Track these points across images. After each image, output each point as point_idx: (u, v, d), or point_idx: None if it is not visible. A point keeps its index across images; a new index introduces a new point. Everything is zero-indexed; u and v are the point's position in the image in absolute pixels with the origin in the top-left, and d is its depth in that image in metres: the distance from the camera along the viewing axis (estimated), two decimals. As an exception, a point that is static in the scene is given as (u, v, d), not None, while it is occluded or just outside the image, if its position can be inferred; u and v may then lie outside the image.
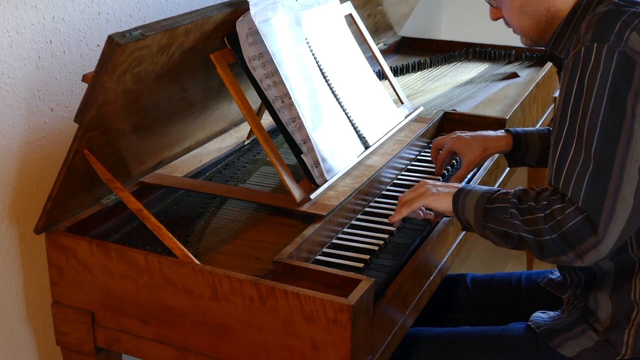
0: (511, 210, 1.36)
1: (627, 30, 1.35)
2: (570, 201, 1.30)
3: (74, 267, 1.50)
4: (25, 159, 1.65)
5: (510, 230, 1.37)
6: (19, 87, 1.60)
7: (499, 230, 1.39)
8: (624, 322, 1.46)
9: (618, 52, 1.32)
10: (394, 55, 2.97)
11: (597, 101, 1.32)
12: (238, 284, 1.34)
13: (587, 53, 1.35)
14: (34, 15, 1.61)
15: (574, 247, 1.30)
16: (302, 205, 1.61)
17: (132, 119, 1.54)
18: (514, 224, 1.35)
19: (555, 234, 1.30)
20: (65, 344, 1.58)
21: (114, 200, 1.62)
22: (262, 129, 1.65)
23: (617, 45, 1.33)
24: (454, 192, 1.49)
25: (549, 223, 1.31)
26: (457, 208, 1.47)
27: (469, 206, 1.44)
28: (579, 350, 1.48)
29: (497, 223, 1.39)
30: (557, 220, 1.30)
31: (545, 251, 1.34)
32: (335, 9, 2.02)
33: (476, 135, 1.86)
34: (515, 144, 1.86)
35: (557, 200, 1.32)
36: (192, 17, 1.48)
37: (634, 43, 1.34)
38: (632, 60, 1.33)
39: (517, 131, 1.87)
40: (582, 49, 1.36)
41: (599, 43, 1.34)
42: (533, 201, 1.34)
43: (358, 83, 1.97)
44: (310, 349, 1.30)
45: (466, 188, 1.48)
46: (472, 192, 1.46)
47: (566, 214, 1.29)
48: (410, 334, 1.60)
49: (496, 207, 1.40)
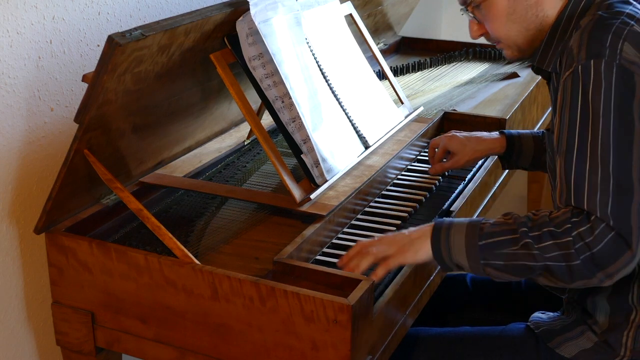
0: (526, 241, 1.28)
1: (619, 42, 1.34)
2: (599, 220, 1.25)
3: (74, 267, 1.50)
4: (25, 159, 1.65)
5: (529, 262, 1.28)
6: (19, 87, 1.60)
7: (510, 265, 1.30)
8: (622, 323, 1.45)
9: (616, 66, 1.32)
10: (394, 55, 2.97)
11: (605, 119, 1.30)
12: (238, 284, 1.34)
13: (585, 71, 1.33)
14: (34, 15, 1.61)
15: (604, 267, 1.26)
16: (302, 205, 1.61)
17: (132, 119, 1.54)
18: (533, 255, 1.28)
19: (584, 256, 1.25)
20: (65, 344, 1.58)
21: (114, 200, 1.62)
22: (262, 129, 1.65)
23: (614, 59, 1.32)
24: (429, 235, 1.37)
25: (578, 245, 1.25)
26: (441, 253, 1.36)
27: (457, 247, 1.34)
28: (578, 351, 1.48)
29: (504, 258, 1.30)
30: (586, 242, 1.25)
31: (576, 275, 1.28)
32: (335, 9, 2.02)
33: (470, 135, 1.87)
34: (508, 146, 1.86)
35: (581, 221, 1.26)
36: (192, 17, 1.48)
37: (628, 54, 1.33)
38: (630, 71, 1.32)
39: (510, 133, 1.87)
40: (578, 67, 1.34)
41: (596, 60, 1.33)
42: (552, 226, 1.28)
43: (358, 83, 1.97)
44: (310, 349, 1.30)
45: (442, 226, 1.36)
46: (453, 229, 1.35)
47: (596, 234, 1.25)
48: (410, 334, 1.60)
49: (496, 241, 1.31)
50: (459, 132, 1.89)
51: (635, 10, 1.43)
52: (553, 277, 1.30)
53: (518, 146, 1.86)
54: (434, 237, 1.37)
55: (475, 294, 1.86)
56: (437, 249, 1.36)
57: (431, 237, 1.37)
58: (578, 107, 1.33)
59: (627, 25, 1.37)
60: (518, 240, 1.30)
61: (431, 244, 1.37)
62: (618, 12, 1.41)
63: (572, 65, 1.36)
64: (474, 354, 1.57)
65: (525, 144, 1.85)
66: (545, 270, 1.29)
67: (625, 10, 1.41)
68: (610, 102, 1.31)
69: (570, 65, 1.37)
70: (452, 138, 1.87)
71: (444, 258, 1.36)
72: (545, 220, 1.30)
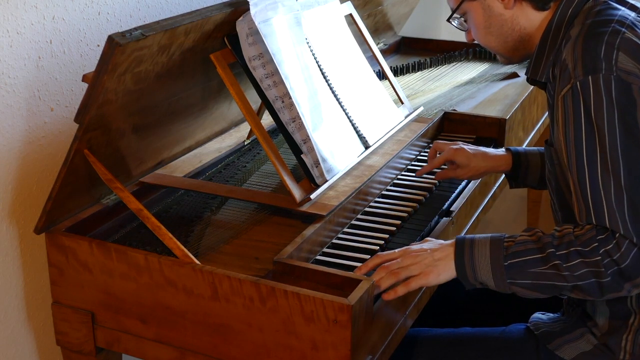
0: (554, 262, 1.30)
1: (613, 52, 1.34)
2: (624, 237, 1.27)
3: (74, 267, 1.50)
4: (25, 159, 1.65)
5: (559, 282, 1.31)
6: (19, 87, 1.60)
7: (538, 284, 1.33)
8: (621, 327, 1.45)
9: (614, 79, 1.32)
10: (394, 55, 2.97)
11: (611, 133, 1.31)
12: (238, 284, 1.34)
13: (585, 88, 1.33)
14: (34, 15, 1.61)
15: (632, 279, 1.29)
16: (302, 205, 1.61)
17: (132, 119, 1.54)
18: (564, 275, 1.30)
19: (612, 271, 1.28)
20: (65, 344, 1.58)
21: (114, 200, 1.62)
22: (262, 129, 1.65)
23: (611, 72, 1.32)
24: (453, 256, 1.38)
25: (606, 261, 1.28)
26: (466, 274, 1.37)
27: (483, 267, 1.35)
28: (577, 353, 1.48)
29: (532, 277, 1.32)
30: (613, 259, 1.27)
31: (605, 290, 1.30)
32: (336, 9, 2.02)
33: (477, 150, 1.82)
34: (514, 163, 1.81)
35: (607, 238, 1.28)
36: (192, 17, 1.48)
37: (624, 64, 1.33)
38: (628, 83, 1.32)
39: (517, 150, 1.83)
40: (576, 84, 1.34)
41: (593, 75, 1.33)
42: (579, 245, 1.29)
43: (358, 83, 1.97)
44: (310, 349, 1.30)
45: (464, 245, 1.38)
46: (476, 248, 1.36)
47: (623, 250, 1.27)
48: (410, 334, 1.59)
49: (523, 260, 1.33)
50: (466, 145, 1.84)
51: (624, 15, 1.42)
52: (582, 293, 1.32)
53: (525, 164, 1.81)
54: (457, 257, 1.38)
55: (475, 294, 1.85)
56: (461, 270, 1.37)
57: (455, 257, 1.38)
58: (582, 125, 1.33)
59: (619, 34, 1.37)
60: (546, 260, 1.31)
61: (455, 265, 1.38)
62: (608, 19, 1.40)
63: (569, 82, 1.36)
64: (473, 356, 1.57)
65: (532, 161, 1.81)
66: (575, 288, 1.31)
67: (614, 17, 1.40)
68: (614, 117, 1.31)
69: (567, 81, 1.36)
70: (459, 151, 1.81)
71: (468, 278, 1.38)
72: (571, 239, 1.31)
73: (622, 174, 1.30)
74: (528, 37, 1.53)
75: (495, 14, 1.53)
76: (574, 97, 1.35)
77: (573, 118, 1.35)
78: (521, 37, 1.53)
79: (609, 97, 1.31)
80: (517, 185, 1.87)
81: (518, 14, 1.52)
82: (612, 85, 1.31)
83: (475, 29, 1.57)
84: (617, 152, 1.30)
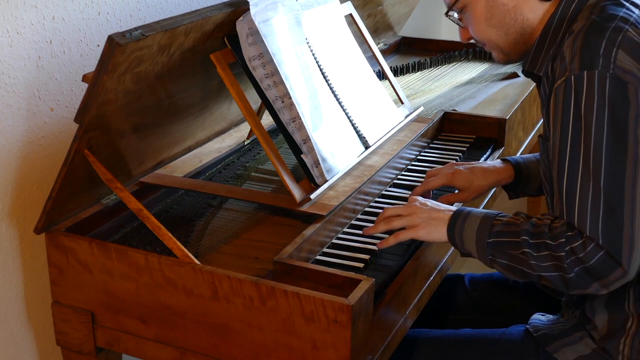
0: (525, 250, 1.32)
1: (613, 49, 1.31)
2: (590, 238, 1.27)
3: (74, 267, 1.50)
4: (25, 159, 1.65)
5: (527, 269, 1.33)
6: (19, 87, 1.60)
7: (511, 266, 1.35)
8: (620, 330, 1.44)
9: (609, 77, 1.29)
10: (394, 55, 2.97)
11: (597, 132, 1.29)
12: (238, 284, 1.34)
13: (578, 83, 1.31)
14: (34, 15, 1.61)
15: (598, 279, 1.28)
16: (302, 205, 1.61)
17: (132, 119, 1.54)
18: (531, 264, 1.32)
19: (578, 269, 1.28)
20: (65, 344, 1.58)
21: (114, 200, 1.62)
22: (262, 129, 1.65)
23: (607, 70, 1.30)
24: (448, 221, 1.44)
25: (570, 259, 1.28)
26: (455, 240, 1.43)
27: (469, 238, 1.40)
28: (576, 356, 1.47)
29: (507, 259, 1.35)
30: (579, 257, 1.27)
31: (571, 286, 1.31)
32: (335, 9, 2.02)
33: (473, 167, 1.75)
34: (516, 174, 1.77)
35: (575, 236, 1.28)
36: (192, 17, 1.48)
37: (623, 62, 1.31)
38: (624, 82, 1.30)
39: (516, 160, 1.78)
40: (571, 77, 1.32)
41: (589, 71, 1.31)
42: (549, 238, 1.30)
43: (358, 83, 1.97)
44: (310, 349, 1.30)
45: (460, 215, 1.43)
46: (469, 220, 1.41)
47: (587, 250, 1.26)
48: (409, 335, 1.59)
49: (503, 241, 1.36)
50: (460, 165, 1.75)
51: (628, 12, 1.40)
52: (550, 283, 1.33)
53: (526, 173, 1.77)
54: (450, 224, 1.44)
55: (474, 294, 1.85)
56: (451, 235, 1.44)
57: (448, 224, 1.44)
58: (570, 120, 1.32)
59: (621, 31, 1.34)
60: (520, 246, 1.33)
61: (447, 232, 1.44)
62: (611, 16, 1.38)
63: (564, 74, 1.34)
64: (473, 357, 1.56)
65: (532, 169, 1.77)
66: (541, 278, 1.33)
67: (618, 14, 1.38)
68: (604, 116, 1.29)
69: (562, 73, 1.35)
70: (457, 174, 1.72)
71: (457, 244, 1.44)
72: (545, 230, 1.32)
73: (602, 175, 1.28)
74: (530, 29, 1.49)
75: (498, 4, 1.49)
76: (566, 91, 1.33)
77: (562, 111, 1.33)
78: (523, 29, 1.50)
79: (601, 95, 1.29)
80: (516, 196, 1.83)
81: (521, 3, 1.48)
82: (607, 83, 1.29)
83: (475, 22, 1.52)
84: (601, 153, 1.28)
